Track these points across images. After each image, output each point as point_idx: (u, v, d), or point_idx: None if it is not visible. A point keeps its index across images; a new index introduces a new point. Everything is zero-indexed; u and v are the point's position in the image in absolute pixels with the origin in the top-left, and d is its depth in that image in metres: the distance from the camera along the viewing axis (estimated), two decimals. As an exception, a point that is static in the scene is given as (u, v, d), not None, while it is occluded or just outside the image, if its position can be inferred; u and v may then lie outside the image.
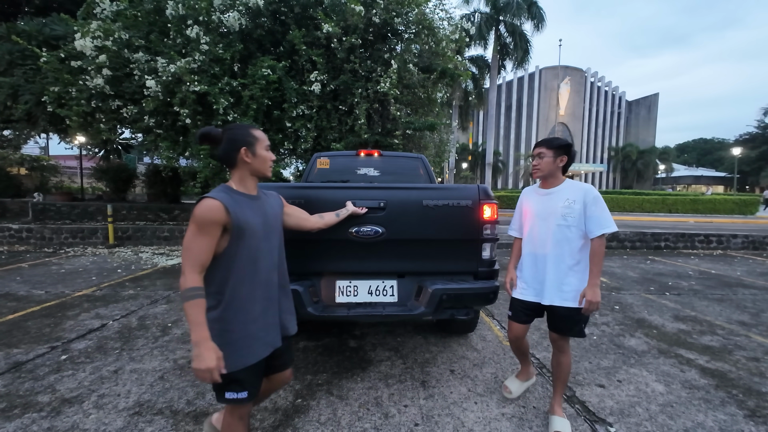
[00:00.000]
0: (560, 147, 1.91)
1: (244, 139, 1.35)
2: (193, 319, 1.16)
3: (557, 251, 1.90)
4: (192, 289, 1.18)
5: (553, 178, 1.95)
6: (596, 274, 1.83)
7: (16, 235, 7.71)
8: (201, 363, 1.15)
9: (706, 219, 16.43)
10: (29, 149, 16.31)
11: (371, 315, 2.24)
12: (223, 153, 1.36)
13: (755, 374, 2.61)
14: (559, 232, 1.90)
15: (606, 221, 1.82)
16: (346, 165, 4.10)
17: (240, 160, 1.35)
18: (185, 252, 1.22)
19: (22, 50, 7.44)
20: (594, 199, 1.85)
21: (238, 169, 1.37)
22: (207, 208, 1.23)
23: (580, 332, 1.94)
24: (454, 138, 19.50)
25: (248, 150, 1.35)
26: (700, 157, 70.83)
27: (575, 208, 1.87)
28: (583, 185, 1.90)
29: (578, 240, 1.88)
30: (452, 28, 8.23)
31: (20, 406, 2.09)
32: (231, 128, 1.37)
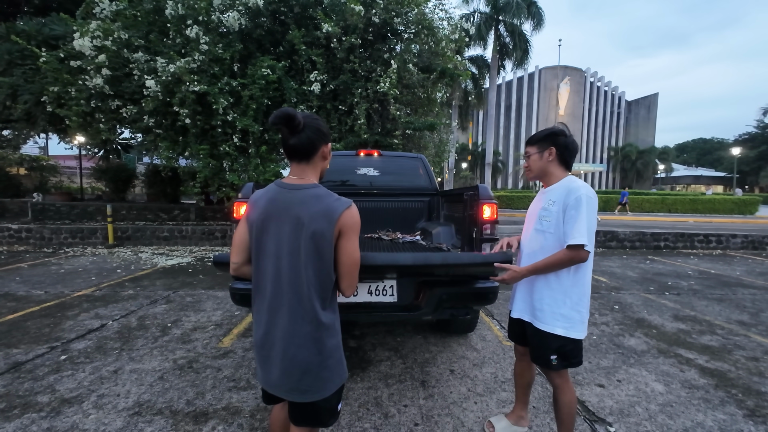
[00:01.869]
0: (542, 139, 1.61)
1: (329, 134, 1.20)
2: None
3: (530, 260, 1.63)
4: None
5: (548, 176, 1.63)
6: (533, 267, 1.54)
7: (16, 235, 7.70)
8: None
9: (705, 219, 16.45)
10: (29, 149, 16.31)
11: (371, 315, 2.23)
12: (307, 142, 1.14)
13: (755, 374, 2.61)
14: (534, 237, 1.64)
15: (576, 231, 1.44)
16: (346, 165, 4.10)
17: (320, 155, 1.19)
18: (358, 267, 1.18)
19: (22, 50, 7.43)
20: (575, 202, 1.47)
21: (313, 167, 1.20)
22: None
23: (545, 362, 1.59)
24: (454, 138, 19.51)
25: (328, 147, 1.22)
26: (699, 157, 70.94)
27: (553, 210, 1.54)
28: (573, 184, 1.53)
29: (556, 250, 1.53)
30: (452, 28, 8.24)
31: (20, 407, 2.09)
32: (316, 118, 1.18)
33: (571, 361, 1.59)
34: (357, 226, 1.14)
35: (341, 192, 4.30)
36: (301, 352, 1.11)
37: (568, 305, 1.54)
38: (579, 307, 1.54)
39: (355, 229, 1.14)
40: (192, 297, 4.29)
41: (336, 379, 1.18)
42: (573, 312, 1.54)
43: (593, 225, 1.46)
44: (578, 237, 1.43)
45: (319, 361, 1.13)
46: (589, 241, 1.44)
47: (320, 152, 1.18)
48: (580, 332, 1.55)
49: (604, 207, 20.10)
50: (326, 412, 1.19)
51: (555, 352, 1.56)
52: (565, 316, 1.54)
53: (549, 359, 1.58)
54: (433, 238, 3.26)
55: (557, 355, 1.56)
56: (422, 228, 3.79)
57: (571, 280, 1.54)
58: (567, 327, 1.54)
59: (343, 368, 1.20)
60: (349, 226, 1.12)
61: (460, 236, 2.91)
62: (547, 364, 1.59)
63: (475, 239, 2.40)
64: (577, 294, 1.54)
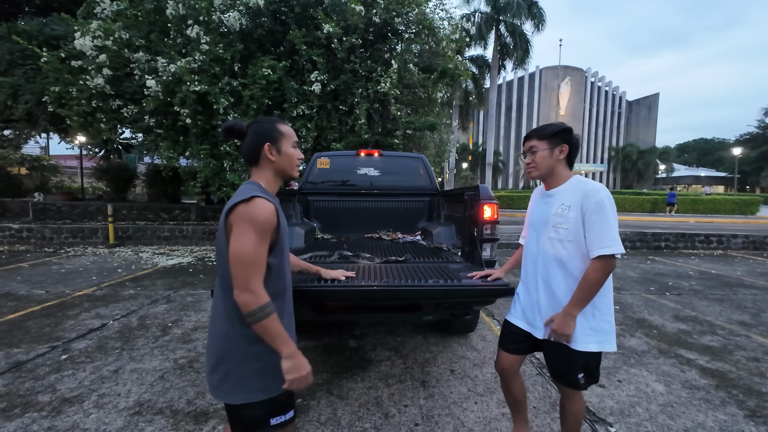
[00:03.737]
0: (555, 134, 1.43)
1: (269, 133, 1.19)
2: (280, 333, 1.05)
3: (548, 274, 1.46)
4: (268, 303, 1.04)
5: (554, 177, 1.47)
6: (577, 301, 1.35)
7: (17, 234, 7.71)
8: (301, 370, 1.07)
9: (706, 219, 16.42)
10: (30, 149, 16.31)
11: (372, 315, 2.23)
12: (247, 148, 1.19)
13: (755, 374, 2.61)
14: (550, 248, 1.45)
15: (607, 238, 1.30)
16: (347, 165, 4.10)
17: (263, 158, 1.19)
18: (250, 265, 1.03)
19: (23, 50, 7.44)
20: (597, 206, 1.32)
21: (262, 169, 1.20)
22: (268, 210, 1.07)
23: (572, 381, 1.44)
24: (455, 138, 19.50)
25: (272, 146, 1.18)
26: (700, 157, 70.85)
27: (570, 216, 1.38)
28: (588, 185, 1.38)
29: (577, 261, 1.38)
30: (452, 28, 8.24)
31: (21, 406, 2.09)
32: (257, 121, 1.21)
33: (595, 377, 1.47)
34: (248, 219, 1.04)
35: (342, 192, 4.31)
36: (213, 345, 1.13)
37: (597, 318, 1.39)
38: (608, 317, 1.41)
39: (249, 223, 1.04)
40: (193, 297, 4.29)
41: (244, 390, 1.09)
42: (604, 324, 1.40)
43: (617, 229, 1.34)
44: (611, 245, 1.29)
45: (228, 361, 1.10)
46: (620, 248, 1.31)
47: (263, 154, 1.18)
48: (613, 344, 1.41)
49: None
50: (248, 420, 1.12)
51: (582, 369, 1.43)
52: (596, 329, 1.39)
53: (576, 379, 1.43)
54: (433, 238, 3.26)
55: (584, 372, 1.43)
56: (423, 228, 3.79)
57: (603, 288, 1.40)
58: (600, 341, 1.39)
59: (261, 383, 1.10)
60: (239, 218, 1.05)
61: (460, 236, 2.91)
62: (574, 384, 1.44)
63: (476, 239, 2.40)
64: (605, 303, 1.40)
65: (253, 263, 1.03)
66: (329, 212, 4.00)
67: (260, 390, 1.10)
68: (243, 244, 1.03)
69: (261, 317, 1.02)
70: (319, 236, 3.61)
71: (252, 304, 1.02)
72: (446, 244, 2.99)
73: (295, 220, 3.50)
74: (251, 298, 1.02)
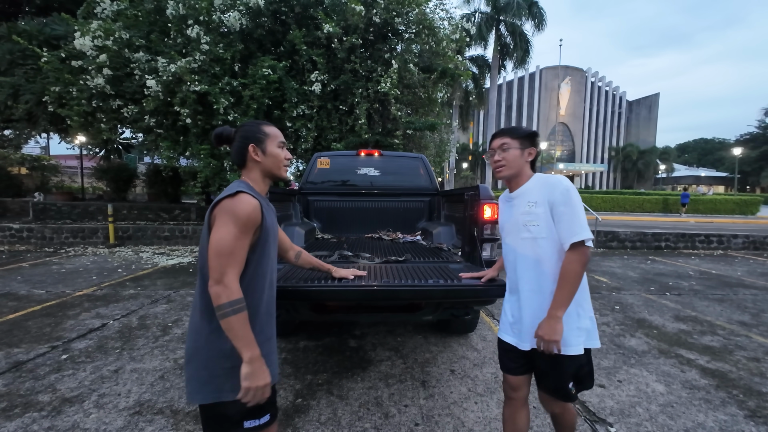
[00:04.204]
0: (527, 136, 1.43)
1: (253, 135, 1.21)
2: (245, 335, 1.02)
3: (528, 276, 1.39)
4: (239, 300, 1.02)
5: (519, 177, 1.44)
6: (560, 300, 1.26)
7: (17, 234, 7.72)
8: (258, 380, 1.03)
9: (706, 219, 16.41)
10: (30, 149, 16.31)
11: (372, 315, 2.23)
12: (234, 151, 1.23)
13: (756, 374, 2.61)
14: (526, 249, 1.39)
15: (577, 226, 1.26)
16: (347, 165, 4.10)
17: (250, 159, 1.21)
18: (226, 256, 1.02)
19: (23, 50, 7.44)
20: (563, 196, 1.30)
21: (249, 170, 1.23)
22: (251, 206, 1.07)
23: (565, 394, 1.37)
24: (455, 138, 19.50)
25: (257, 147, 1.20)
26: (700, 157, 70.81)
27: (538, 213, 1.34)
28: (551, 179, 1.36)
29: (555, 259, 1.33)
30: (452, 28, 8.25)
31: (21, 406, 2.09)
32: (243, 125, 1.25)
33: (585, 383, 1.38)
34: (230, 212, 1.05)
35: (342, 192, 4.32)
36: (188, 340, 1.13)
37: (582, 315, 1.34)
38: (590, 312, 1.36)
39: (230, 216, 1.05)
40: (193, 296, 4.29)
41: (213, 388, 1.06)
42: (587, 321, 1.35)
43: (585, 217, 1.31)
44: (579, 232, 1.25)
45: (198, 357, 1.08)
46: (589, 235, 1.27)
47: (248, 156, 1.20)
48: (597, 340, 1.37)
49: (611, 208, 20.09)
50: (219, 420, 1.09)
51: (573, 378, 1.35)
52: (582, 328, 1.33)
53: (569, 389, 1.35)
54: (433, 238, 3.26)
55: (574, 381, 1.36)
56: (423, 228, 3.79)
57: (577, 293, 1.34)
58: (583, 341, 1.33)
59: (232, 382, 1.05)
60: (222, 211, 1.06)
61: (460, 236, 2.91)
62: (567, 395, 1.36)
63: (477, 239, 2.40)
64: (586, 299, 1.36)
65: (230, 255, 1.03)
66: (329, 212, 4.00)
67: (231, 390, 1.05)
68: (222, 235, 1.03)
69: (229, 313, 1.00)
70: (319, 236, 3.61)
71: (223, 297, 1.00)
72: (446, 244, 2.99)
73: (295, 220, 3.50)
74: (223, 290, 1.00)
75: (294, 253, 1.66)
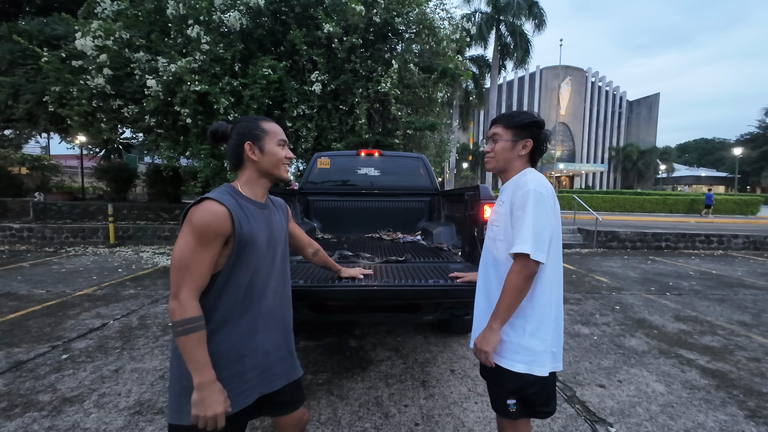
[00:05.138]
0: (523, 126, 1.23)
1: (250, 131, 1.11)
2: (196, 357, 0.93)
3: (481, 276, 1.31)
4: (192, 319, 0.93)
5: (507, 172, 1.28)
6: (497, 311, 1.16)
7: (17, 234, 7.72)
8: (206, 409, 0.93)
9: (707, 219, 16.41)
10: (30, 149, 16.32)
11: (372, 315, 2.23)
12: (229, 150, 1.13)
13: (756, 375, 2.61)
14: (487, 247, 1.31)
15: (520, 236, 1.11)
16: (347, 165, 4.10)
17: (246, 158, 1.11)
18: (181, 270, 0.94)
19: (24, 50, 7.44)
20: (522, 199, 1.15)
21: (245, 170, 1.13)
22: (210, 214, 0.98)
23: (501, 409, 1.24)
24: (455, 138, 19.51)
25: (254, 145, 1.10)
26: (701, 157, 70.80)
27: (501, 212, 1.24)
28: (523, 177, 1.21)
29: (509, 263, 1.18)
30: (453, 28, 8.24)
31: (21, 405, 2.10)
32: (239, 121, 1.15)
33: (535, 409, 1.21)
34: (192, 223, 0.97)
35: (342, 192, 4.31)
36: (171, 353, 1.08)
37: (528, 333, 1.17)
38: (543, 334, 1.17)
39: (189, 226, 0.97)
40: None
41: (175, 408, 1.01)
42: (535, 341, 1.17)
43: (544, 227, 1.12)
44: (521, 244, 1.10)
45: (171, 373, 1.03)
46: (538, 249, 1.09)
47: (245, 155, 1.11)
48: (547, 366, 1.17)
49: (612, 208, 20.08)
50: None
51: (514, 395, 1.19)
52: (525, 347, 1.17)
53: (505, 404, 1.21)
54: (433, 238, 3.25)
55: (517, 399, 1.19)
56: (423, 228, 3.79)
57: (527, 299, 1.17)
58: (529, 361, 1.16)
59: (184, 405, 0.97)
60: (186, 221, 0.98)
61: (460, 236, 2.91)
62: (502, 410, 1.23)
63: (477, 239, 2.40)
64: (537, 317, 1.17)
65: (184, 269, 0.95)
66: (329, 212, 4.00)
67: (188, 412, 0.96)
68: (180, 248, 0.96)
69: (179, 332, 0.92)
70: (319, 236, 3.61)
71: (176, 314, 0.93)
72: (446, 244, 2.99)
73: (295, 219, 3.49)
74: (177, 307, 0.93)
75: (312, 250, 1.60)
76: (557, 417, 2.06)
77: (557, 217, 1.19)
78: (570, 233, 9.18)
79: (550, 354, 1.18)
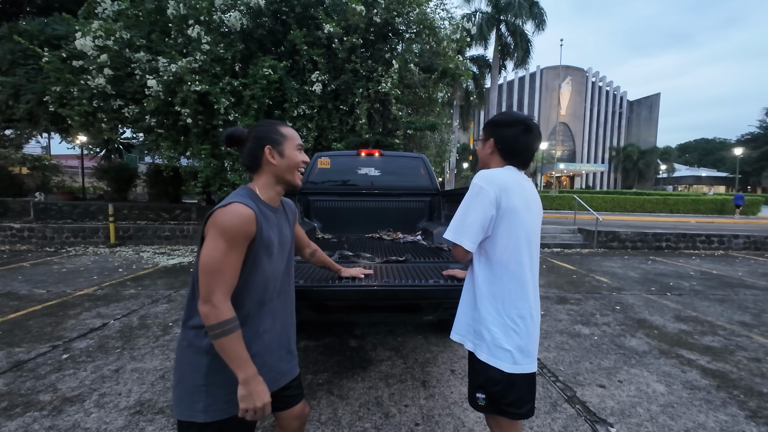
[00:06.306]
0: (486, 126, 1.32)
1: (269, 136, 1.14)
2: (239, 354, 0.97)
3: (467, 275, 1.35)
4: (229, 321, 0.96)
5: None
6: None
7: (18, 234, 7.73)
8: (255, 401, 0.98)
9: (707, 219, 16.39)
10: (31, 149, 16.34)
11: (372, 315, 2.23)
12: (248, 153, 1.14)
13: (756, 375, 2.60)
14: None
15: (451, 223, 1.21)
16: (347, 165, 4.10)
17: (265, 162, 1.13)
18: (212, 274, 0.96)
19: (24, 50, 7.46)
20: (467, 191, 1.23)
21: (262, 173, 1.15)
22: (240, 217, 1.00)
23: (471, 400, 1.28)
24: (455, 138, 19.49)
25: (274, 149, 1.13)
26: (701, 157, 70.73)
27: None
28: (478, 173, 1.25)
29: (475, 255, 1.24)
30: (453, 28, 8.24)
31: (22, 405, 2.10)
32: (257, 125, 1.17)
33: (502, 408, 1.19)
34: (221, 227, 0.98)
35: (342, 192, 4.31)
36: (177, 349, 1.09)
37: (476, 319, 1.23)
38: (489, 324, 1.18)
39: (218, 230, 0.98)
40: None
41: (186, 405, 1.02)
42: (481, 328, 1.20)
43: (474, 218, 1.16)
44: (448, 231, 1.20)
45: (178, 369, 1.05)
46: (461, 234, 1.17)
47: (264, 158, 1.13)
48: (484, 354, 1.19)
49: (612, 208, 20.06)
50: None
51: (480, 388, 1.22)
52: (475, 331, 1.24)
53: (474, 396, 1.24)
54: (434, 238, 3.25)
55: (485, 394, 1.21)
56: (423, 228, 3.79)
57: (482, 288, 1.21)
58: (475, 343, 1.23)
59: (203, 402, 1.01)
60: (212, 224, 0.99)
61: None
62: (472, 400, 1.26)
63: None
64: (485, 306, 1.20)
65: (217, 273, 0.96)
66: (330, 212, 4.00)
67: (201, 410, 0.99)
68: (210, 252, 0.97)
69: (219, 334, 0.94)
70: (319, 236, 3.61)
71: (212, 318, 0.94)
72: (447, 244, 2.99)
73: None
74: (211, 311, 0.95)
75: (309, 251, 1.62)
76: (557, 417, 2.06)
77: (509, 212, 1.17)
78: (570, 233, 9.18)
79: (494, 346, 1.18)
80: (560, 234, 9.12)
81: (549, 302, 4.27)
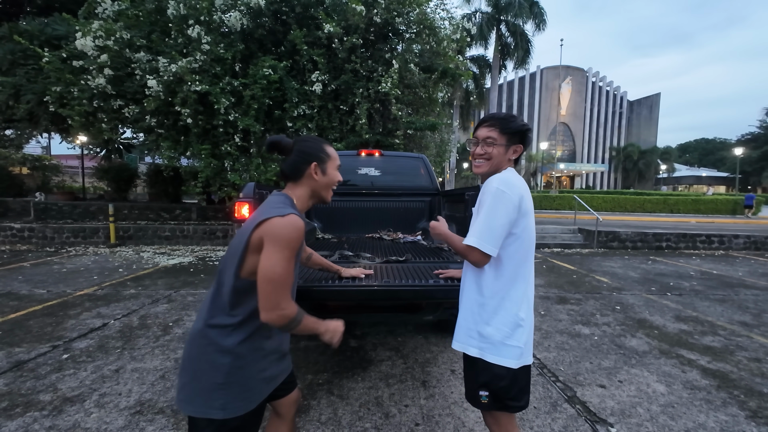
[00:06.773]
0: (516, 132, 1.26)
1: (316, 153, 1.20)
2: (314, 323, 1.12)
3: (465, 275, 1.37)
4: (298, 314, 1.07)
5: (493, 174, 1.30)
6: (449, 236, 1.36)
7: (18, 234, 7.73)
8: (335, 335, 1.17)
9: (707, 219, 16.38)
10: (31, 149, 16.33)
11: (372, 315, 2.23)
12: (291, 165, 1.19)
13: (757, 375, 2.60)
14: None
15: (475, 229, 1.20)
16: (347, 165, 4.10)
17: (307, 176, 1.19)
18: (282, 284, 1.01)
19: (24, 50, 7.46)
20: (483, 195, 1.23)
21: (301, 185, 1.21)
22: (297, 229, 1.05)
23: (472, 399, 1.28)
24: (455, 138, 19.50)
25: (319, 166, 1.20)
26: (701, 157, 70.68)
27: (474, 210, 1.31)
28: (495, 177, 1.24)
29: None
30: (453, 28, 8.25)
31: (22, 405, 2.10)
32: (304, 140, 1.23)
33: (506, 403, 1.23)
34: (286, 239, 1.02)
35: (342, 192, 4.31)
36: (187, 344, 1.09)
37: (485, 319, 1.23)
38: (502, 326, 1.21)
39: (282, 242, 1.02)
40: (193, 296, 4.30)
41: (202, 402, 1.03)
42: (491, 329, 1.22)
43: (498, 224, 1.17)
44: (470, 237, 1.20)
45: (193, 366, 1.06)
46: (486, 241, 1.17)
47: (308, 173, 1.19)
48: (495, 356, 1.20)
49: (612, 208, 20.05)
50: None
51: (485, 387, 1.23)
52: (482, 334, 1.23)
53: (477, 395, 1.25)
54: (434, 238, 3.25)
55: (488, 391, 1.23)
56: (423, 228, 3.79)
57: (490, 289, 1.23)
58: (482, 348, 1.23)
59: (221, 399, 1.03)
60: (274, 235, 1.02)
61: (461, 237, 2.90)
62: (474, 399, 1.27)
63: None
64: (495, 308, 1.22)
65: (284, 284, 1.03)
66: (330, 212, 4.00)
67: (219, 407, 1.03)
68: (275, 264, 1.01)
69: (295, 325, 1.07)
70: (319, 236, 3.61)
71: (286, 320, 1.04)
72: (447, 245, 2.99)
73: None
74: (281, 315, 1.03)
75: (305, 255, 1.67)
76: (558, 417, 2.06)
77: (525, 215, 1.22)
78: (570, 233, 9.18)
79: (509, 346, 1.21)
80: (560, 234, 9.12)
81: (549, 302, 4.27)
